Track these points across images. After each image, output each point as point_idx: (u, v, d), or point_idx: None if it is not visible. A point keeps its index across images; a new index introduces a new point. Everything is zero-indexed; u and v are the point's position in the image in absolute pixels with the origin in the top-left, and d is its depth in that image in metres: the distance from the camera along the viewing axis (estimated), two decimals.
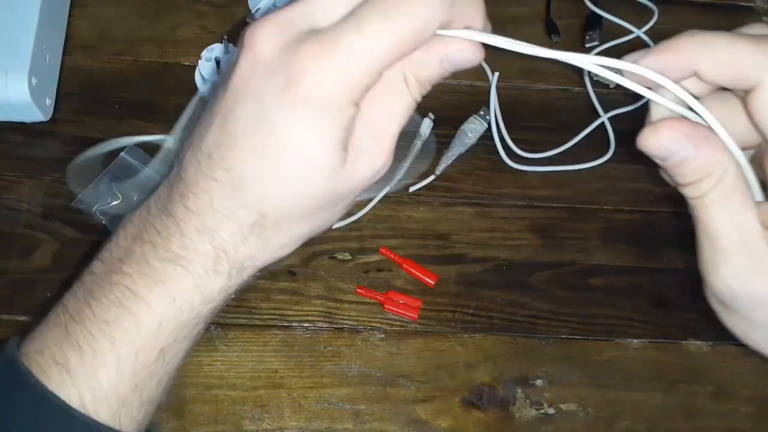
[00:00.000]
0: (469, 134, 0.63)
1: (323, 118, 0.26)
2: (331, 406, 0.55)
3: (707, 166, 0.27)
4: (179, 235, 0.28)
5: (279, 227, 0.29)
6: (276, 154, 0.27)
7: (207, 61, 0.60)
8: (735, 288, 0.26)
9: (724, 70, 0.26)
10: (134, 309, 0.28)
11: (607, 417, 0.56)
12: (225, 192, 0.28)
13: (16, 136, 0.60)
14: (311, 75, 0.26)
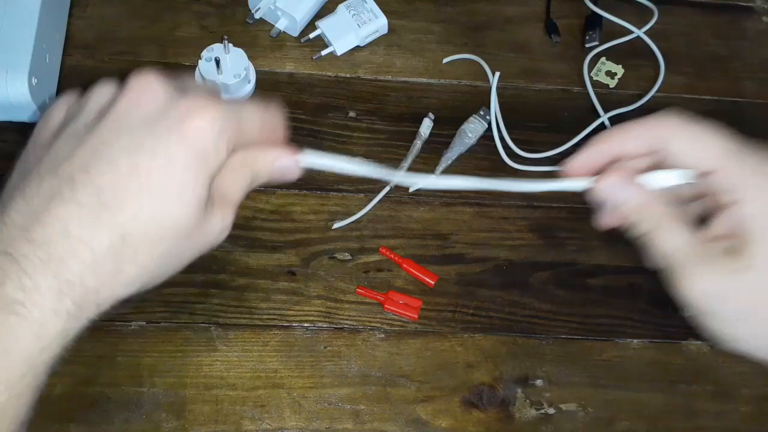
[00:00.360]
0: (469, 134, 0.63)
1: (200, 157, 0.30)
2: (331, 406, 0.55)
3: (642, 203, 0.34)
4: (17, 274, 0.27)
5: (135, 257, 0.29)
6: (155, 179, 0.29)
7: (207, 61, 0.60)
8: (700, 292, 0.33)
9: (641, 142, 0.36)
10: None
11: (607, 417, 0.56)
12: (87, 214, 0.28)
13: (16, 136, 0.60)
14: (198, 118, 0.29)
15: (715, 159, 0.33)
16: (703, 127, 0.34)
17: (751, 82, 0.69)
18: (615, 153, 0.36)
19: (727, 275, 0.32)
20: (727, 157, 0.33)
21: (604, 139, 0.36)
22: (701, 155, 0.34)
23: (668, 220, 0.34)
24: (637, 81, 0.68)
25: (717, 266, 0.33)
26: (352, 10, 0.65)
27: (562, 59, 0.68)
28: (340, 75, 0.66)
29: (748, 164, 0.33)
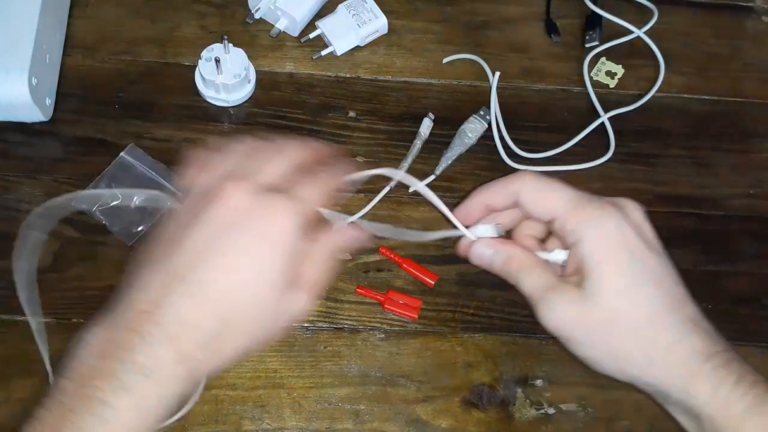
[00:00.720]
0: (469, 134, 0.63)
1: (283, 249, 0.35)
2: (331, 406, 0.55)
3: (508, 257, 0.41)
4: (145, 347, 0.33)
5: (232, 337, 0.35)
6: (243, 273, 0.35)
7: (207, 61, 0.60)
8: (556, 320, 0.38)
9: (500, 196, 0.42)
10: (106, 416, 0.33)
11: (607, 417, 0.56)
12: (194, 304, 0.34)
13: (16, 136, 0.60)
14: (279, 218, 0.35)
15: (557, 208, 0.39)
16: (549, 182, 0.40)
17: (751, 82, 0.69)
18: (487, 204, 0.42)
19: (574, 304, 0.38)
20: (566, 206, 0.39)
21: (476, 194, 0.42)
22: (544, 206, 0.40)
23: (527, 267, 0.40)
24: (637, 81, 0.68)
25: (566, 297, 0.38)
26: (352, 10, 0.65)
27: (562, 59, 0.68)
28: (340, 75, 0.66)
29: (584, 210, 0.38)
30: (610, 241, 0.38)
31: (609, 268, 0.37)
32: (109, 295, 0.57)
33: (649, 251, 0.38)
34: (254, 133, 0.63)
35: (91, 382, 0.34)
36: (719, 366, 0.36)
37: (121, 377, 0.33)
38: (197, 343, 0.34)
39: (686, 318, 0.38)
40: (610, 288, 0.37)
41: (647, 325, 0.37)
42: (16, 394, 0.53)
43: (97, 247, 0.57)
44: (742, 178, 0.66)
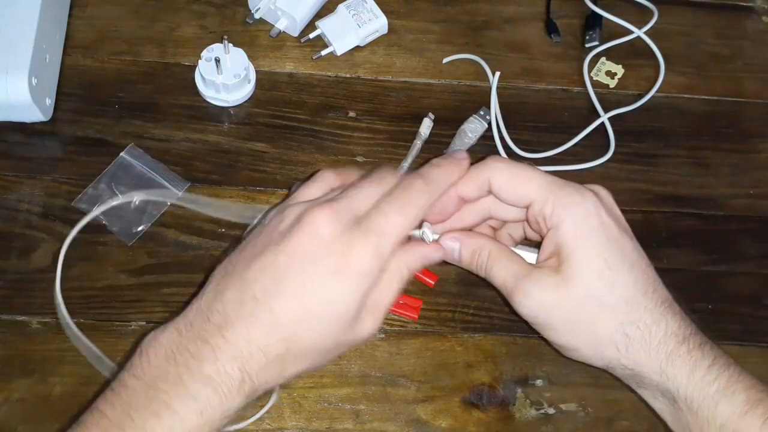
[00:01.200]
0: (469, 134, 0.63)
1: (354, 283, 0.36)
2: (331, 406, 0.55)
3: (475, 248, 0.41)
4: (214, 361, 0.35)
5: (295, 361, 0.37)
6: (315, 304, 0.35)
7: (207, 61, 0.60)
8: (532, 306, 0.39)
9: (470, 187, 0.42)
10: (168, 420, 0.34)
11: (607, 417, 0.56)
12: (263, 329, 0.35)
13: (16, 135, 0.60)
14: (358, 253, 0.36)
15: (530, 193, 0.39)
16: (519, 167, 0.40)
17: (751, 82, 0.69)
18: (460, 196, 0.41)
19: (552, 288, 0.38)
20: (542, 190, 0.39)
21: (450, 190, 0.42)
22: (517, 191, 0.40)
23: (497, 256, 0.40)
24: (637, 81, 0.68)
25: (543, 282, 0.38)
26: (352, 10, 0.65)
27: (562, 59, 0.68)
28: (340, 75, 0.66)
29: (560, 194, 0.38)
30: (590, 223, 0.38)
31: (589, 250, 0.38)
32: (110, 294, 0.57)
33: (623, 234, 0.39)
34: (254, 132, 0.63)
35: (158, 385, 0.35)
36: (694, 348, 0.38)
37: (188, 385, 0.34)
38: (261, 365, 0.35)
39: (661, 300, 0.38)
40: (590, 270, 0.37)
41: (626, 306, 0.38)
42: (16, 394, 0.53)
43: (98, 247, 0.57)
44: (742, 178, 0.66)
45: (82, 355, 0.54)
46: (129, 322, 0.55)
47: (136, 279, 0.57)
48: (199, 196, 0.58)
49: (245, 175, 0.61)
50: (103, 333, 0.55)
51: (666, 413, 0.40)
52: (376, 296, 0.37)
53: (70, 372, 0.53)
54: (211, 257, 0.58)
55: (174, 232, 0.58)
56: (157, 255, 0.58)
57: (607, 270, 0.37)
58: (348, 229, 0.36)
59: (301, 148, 0.62)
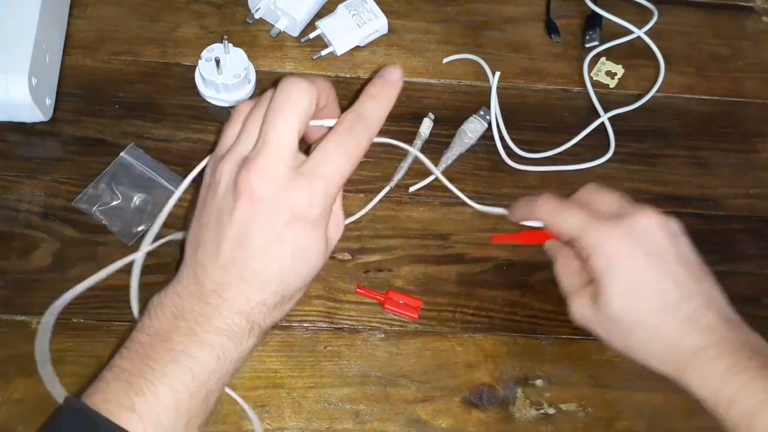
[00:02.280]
0: (469, 134, 0.63)
1: (316, 225, 0.38)
2: (331, 406, 0.55)
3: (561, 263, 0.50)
4: (220, 316, 0.37)
5: (291, 299, 0.40)
6: (289, 256, 0.38)
7: (207, 61, 0.60)
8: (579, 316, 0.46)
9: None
10: (189, 365, 0.37)
11: (607, 417, 0.56)
12: (255, 286, 0.38)
13: (16, 136, 0.60)
14: (306, 201, 0.37)
15: (574, 230, 0.44)
16: (561, 207, 0.45)
17: (751, 82, 0.69)
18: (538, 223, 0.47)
19: (591, 307, 0.44)
20: (581, 228, 0.44)
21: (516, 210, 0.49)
22: (561, 230, 0.45)
23: (564, 271, 0.48)
24: (637, 81, 0.68)
25: (585, 301, 0.45)
26: (352, 10, 0.65)
27: (562, 59, 0.68)
28: (340, 75, 0.66)
29: (598, 230, 0.43)
30: (620, 256, 0.43)
31: (616, 283, 0.43)
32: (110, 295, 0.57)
33: (648, 260, 0.43)
34: None
35: (172, 338, 0.37)
36: (708, 359, 0.41)
37: (201, 336, 0.37)
38: (265, 313, 0.39)
39: (681, 319, 0.42)
40: (613, 297, 0.43)
41: (642, 328, 0.43)
42: (16, 394, 0.53)
43: (98, 247, 0.57)
44: (742, 178, 0.66)
45: (82, 355, 0.54)
46: (129, 322, 0.55)
47: None
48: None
49: None
50: (104, 333, 0.55)
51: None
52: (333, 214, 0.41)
53: (71, 372, 0.53)
54: None
55: (174, 232, 0.58)
56: (157, 255, 0.57)
57: (626, 297, 0.42)
58: (289, 180, 0.37)
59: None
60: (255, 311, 0.38)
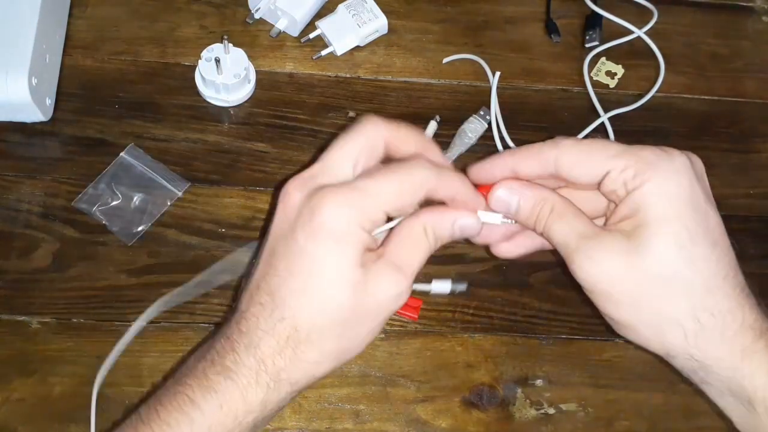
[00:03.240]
0: (469, 134, 0.63)
1: (339, 242, 0.33)
2: (331, 406, 0.55)
3: (537, 201, 0.36)
4: (232, 352, 0.34)
5: (310, 340, 0.34)
6: (305, 275, 0.34)
7: (207, 61, 0.60)
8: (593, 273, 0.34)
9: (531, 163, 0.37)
10: (190, 413, 0.34)
11: (607, 417, 0.56)
12: (267, 312, 0.34)
13: (16, 136, 0.60)
14: (326, 210, 0.33)
15: (607, 162, 0.34)
16: (591, 141, 0.36)
17: (751, 82, 0.69)
18: (514, 169, 0.37)
19: (620, 255, 0.33)
20: (618, 156, 0.34)
21: (503, 156, 0.37)
22: (592, 165, 0.35)
23: (561, 211, 0.36)
24: (637, 81, 0.68)
25: (612, 246, 0.33)
26: (352, 10, 0.65)
27: (562, 59, 0.68)
28: (340, 75, 0.66)
29: (644, 154, 0.34)
30: (679, 186, 0.33)
31: (672, 217, 0.33)
32: (110, 295, 0.57)
33: (710, 206, 0.34)
34: (254, 132, 0.63)
35: (185, 381, 0.35)
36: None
37: (210, 377, 0.34)
38: (273, 349, 0.34)
39: (740, 287, 0.34)
40: (670, 240, 0.32)
41: (703, 288, 0.33)
42: (16, 394, 0.53)
43: (98, 247, 0.57)
44: (742, 178, 0.66)
45: (82, 355, 0.54)
46: (129, 323, 0.55)
47: (137, 279, 0.57)
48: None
49: (245, 175, 0.61)
50: (104, 333, 0.55)
51: (735, 413, 0.36)
52: (395, 255, 0.35)
53: (70, 372, 0.53)
54: (212, 257, 0.58)
55: (174, 232, 0.58)
56: (157, 255, 0.58)
57: (688, 243, 0.33)
58: (313, 191, 0.34)
59: (301, 148, 0.62)
60: (262, 343, 0.34)
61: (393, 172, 0.35)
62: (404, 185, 0.35)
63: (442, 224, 0.36)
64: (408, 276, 0.35)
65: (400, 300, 0.35)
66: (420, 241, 0.36)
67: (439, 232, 0.36)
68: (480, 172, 0.38)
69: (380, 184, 0.34)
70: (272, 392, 0.34)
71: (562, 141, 0.36)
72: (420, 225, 0.36)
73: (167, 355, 0.54)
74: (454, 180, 0.36)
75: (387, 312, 0.35)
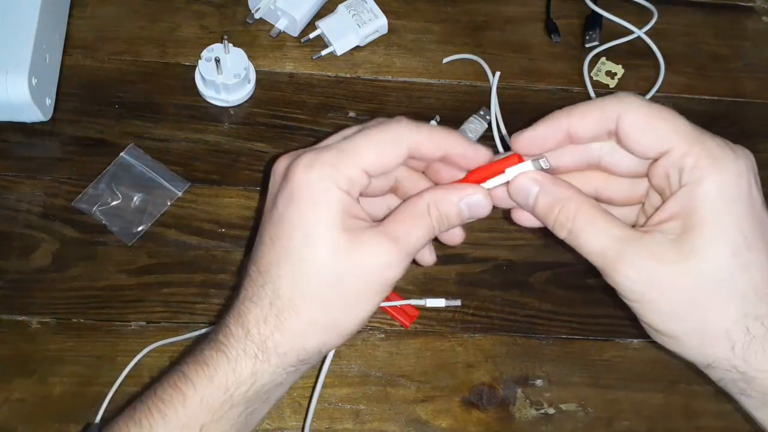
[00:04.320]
0: (469, 134, 0.63)
1: (315, 202, 0.33)
2: (331, 406, 0.55)
3: (557, 200, 0.33)
4: (224, 327, 0.35)
5: (293, 306, 0.33)
6: (284, 240, 0.33)
7: (207, 61, 0.60)
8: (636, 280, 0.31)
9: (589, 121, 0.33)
10: (183, 388, 0.34)
11: (607, 417, 0.56)
12: (253, 282, 0.34)
13: (16, 135, 0.60)
14: (299, 171, 0.33)
15: (671, 138, 0.31)
16: (660, 107, 0.32)
17: (751, 82, 0.69)
18: (570, 131, 0.34)
19: (667, 260, 0.30)
20: (683, 137, 0.31)
21: (557, 116, 0.34)
22: (655, 134, 0.31)
23: (588, 216, 0.32)
24: (637, 81, 0.68)
25: (657, 252, 0.30)
26: (352, 10, 0.65)
27: (562, 59, 0.68)
28: (340, 75, 0.66)
29: (710, 144, 0.31)
30: (739, 188, 0.30)
31: (730, 221, 0.30)
32: (110, 295, 0.57)
33: (764, 212, 0.32)
34: (254, 132, 0.63)
35: (184, 359, 0.36)
36: None
37: (204, 352, 0.35)
38: (258, 317, 0.34)
39: None
40: (726, 245, 0.30)
41: (755, 297, 0.30)
42: (16, 394, 0.53)
43: (97, 247, 0.57)
44: None
45: (82, 355, 0.54)
46: (129, 323, 0.55)
47: (136, 279, 0.57)
48: None
49: (245, 175, 0.61)
50: (103, 333, 0.55)
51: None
52: (394, 227, 0.34)
53: (70, 372, 0.53)
54: (211, 257, 0.58)
55: (174, 232, 0.58)
56: (157, 255, 0.58)
57: (744, 249, 0.30)
58: (300, 156, 0.34)
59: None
60: (249, 312, 0.34)
61: (369, 128, 0.34)
62: (381, 141, 0.34)
63: (446, 201, 0.34)
64: (402, 248, 0.33)
65: (392, 271, 0.33)
66: (420, 217, 0.34)
67: (444, 209, 0.34)
68: (530, 140, 0.34)
69: (356, 141, 0.34)
70: (261, 363, 0.34)
71: (627, 97, 0.32)
72: (422, 202, 0.34)
73: (167, 356, 0.54)
74: (442, 134, 0.35)
75: (377, 283, 0.33)
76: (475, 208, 0.35)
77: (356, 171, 0.33)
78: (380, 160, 0.34)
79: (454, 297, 0.58)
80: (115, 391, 0.53)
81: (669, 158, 0.31)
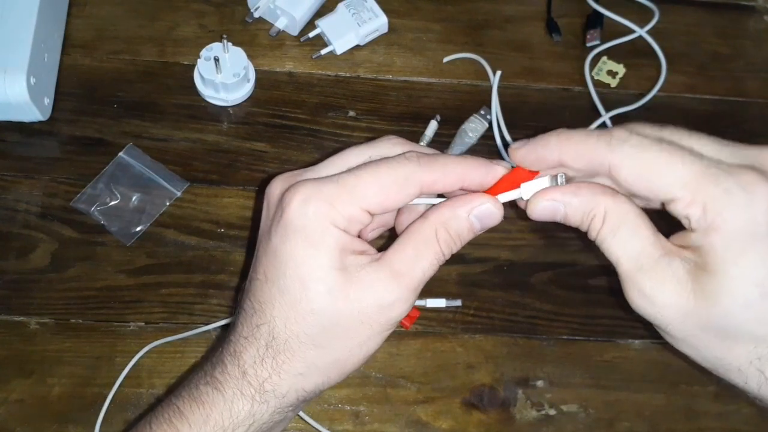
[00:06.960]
0: (470, 134, 0.63)
1: (309, 241, 0.31)
2: (331, 407, 0.54)
3: (586, 212, 0.31)
4: (220, 363, 0.33)
5: (289, 349, 0.32)
6: (279, 278, 0.31)
7: (206, 60, 0.60)
8: (663, 303, 0.30)
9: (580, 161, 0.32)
10: (178, 425, 0.33)
11: (608, 418, 0.56)
12: (248, 318, 0.33)
13: (15, 135, 0.60)
14: (294, 205, 0.31)
15: (671, 189, 0.30)
16: (656, 148, 0.31)
17: (753, 82, 0.69)
18: (562, 161, 0.33)
19: (685, 295, 0.30)
20: (685, 184, 0.29)
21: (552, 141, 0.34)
22: (654, 185, 0.30)
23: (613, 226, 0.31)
24: (639, 80, 0.68)
25: (674, 283, 0.30)
26: (352, 8, 0.65)
27: (563, 58, 0.68)
28: (339, 74, 0.65)
29: (715, 193, 0.29)
30: (754, 233, 0.28)
31: (744, 269, 0.29)
32: (109, 295, 0.57)
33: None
34: (253, 132, 0.63)
35: (180, 392, 0.35)
36: None
37: (200, 388, 0.34)
38: (254, 358, 0.32)
39: None
40: (740, 293, 0.29)
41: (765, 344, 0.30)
42: (15, 394, 0.52)
43: (96, 248, 0.57)
44: None
45: (81, 356, 0.54)
46: (128, 323, 0.55)
47: (135, 279, 0.56)
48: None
49: (244, 174, 0.60)
50: (102, 334, 0.54)
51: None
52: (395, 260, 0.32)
53: (69, 373, 0.53)
54: (210, 257, 0.57)
55: (173, 233, 0.58)
56: (155, 255, 0.57)
57: (757, 297, 0.29)
58: (294, 183, 0.32)
59: (300, 147, 0.62)
60: (245, 353, 0.32)
61: (375, 164, 0.32)
62: (388, 180, 0.31)
63: (455, 218, 0.32)
64: (406, 284, 0.32)
65: (395, 310, 0.32)
66: (426, 245, 0.32)
67: (455, 228, 0.32)
68: (528, 155, 0.34)
69: (358, 177, 0.31)
70: (259, 405, 0.33)
71: (619, 141, 0.31)
72: (429, 225, 0.32)
73: (165, 356, 0.54)
74: (457, 168, 0.32)
75: (379, 323, 0.32)
76: (486, 218, 0.33)
77: (356, 209, 0.31)
78: (384, 200, 0.32)
79: (455, 297, 0.58)
80: (114, 391, 0.52)
81: (674, 207, 0.30)
